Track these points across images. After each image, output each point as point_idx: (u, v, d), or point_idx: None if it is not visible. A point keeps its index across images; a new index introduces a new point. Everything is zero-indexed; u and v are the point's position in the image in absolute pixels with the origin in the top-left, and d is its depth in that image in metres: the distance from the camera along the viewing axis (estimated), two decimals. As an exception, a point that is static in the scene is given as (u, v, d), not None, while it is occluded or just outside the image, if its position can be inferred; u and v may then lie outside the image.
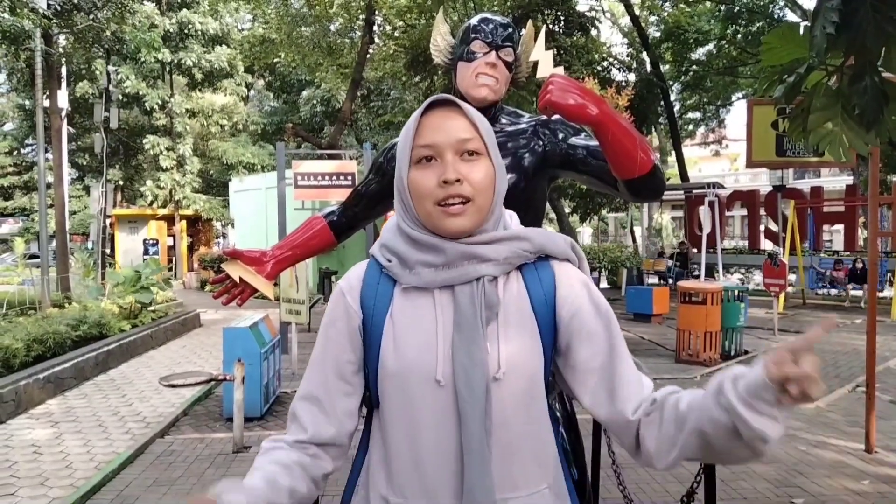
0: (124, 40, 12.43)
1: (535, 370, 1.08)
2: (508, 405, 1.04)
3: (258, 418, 5.55)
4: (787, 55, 2.15)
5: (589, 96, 1.53)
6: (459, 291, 1.06)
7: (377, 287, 1.12)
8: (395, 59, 15.77)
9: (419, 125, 1.08)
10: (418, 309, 1.08)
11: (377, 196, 2.09)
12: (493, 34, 1.84)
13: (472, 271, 1.06)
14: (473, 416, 1.00)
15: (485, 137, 1.09)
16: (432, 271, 1.07)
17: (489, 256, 1.07)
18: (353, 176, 9.15)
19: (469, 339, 1.03)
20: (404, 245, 1.11)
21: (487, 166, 1.09)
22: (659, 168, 1.66)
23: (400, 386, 1.06)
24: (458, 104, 1.09)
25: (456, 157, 1.07)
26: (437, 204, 1.06)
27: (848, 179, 20.61)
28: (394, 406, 1.07)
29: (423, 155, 1.08)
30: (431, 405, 1.04)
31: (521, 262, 1.10)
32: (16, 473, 4.41)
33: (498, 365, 1.03)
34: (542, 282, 1.11)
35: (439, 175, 1.06)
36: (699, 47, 18.71)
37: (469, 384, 1.01)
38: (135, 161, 26.19)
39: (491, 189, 1.09)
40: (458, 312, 1.05)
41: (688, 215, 17.45)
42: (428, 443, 1.04)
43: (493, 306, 1.05)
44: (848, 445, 4.79)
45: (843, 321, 11.53)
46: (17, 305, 9.56)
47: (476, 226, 1.08)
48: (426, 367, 1.04)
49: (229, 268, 1.98)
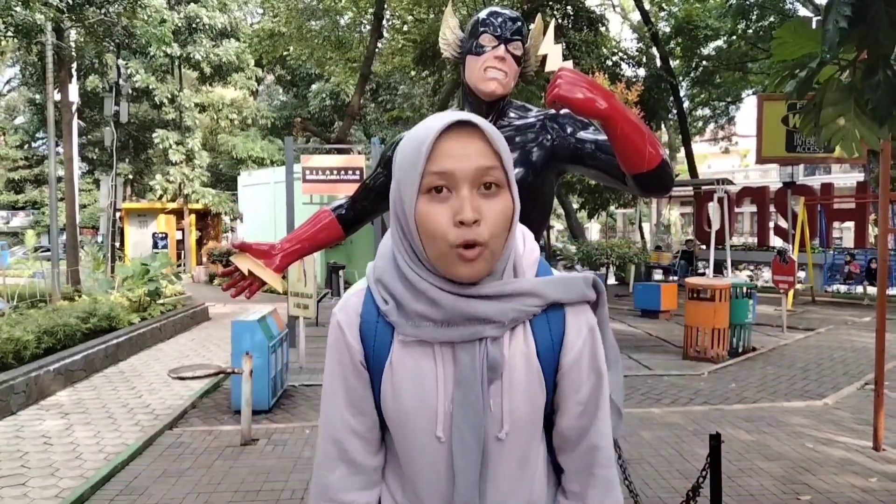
0: (135, 34, 12.46)
1: (540, 421, 1.06)
2: (509, 462, 1.03)
3: (266, 411, 5.58)
4: (798, 50, 2.13)
5: (598, 90, 1.52)
6: (461, 350, 0.99)
7: (376, 326, 1.04)
8: (403, 53, 15.77)
9: (434, 148, 0.94)
10: (418, 362, 1.01)
11: (385, 190, 2.08)
12: (502, 28, 1.83)
13: (473, 332, 0.98)
14: (467, 477, 0.99)
15: (506, 166, 0.97)
16: (431, 326, 0.99)
17: (492, 318, 0.98)
18: (361, 171, 9.17)
19: (468, 401, 0.98)
20: (401, 288, 1.01)
21: (507, 203, 0.97)
22: (668, 163, 1.65)
23: (398, 433, 1.05)
24: (479, 126, 0.96)
25: (473, 192, 0.94)
26: (452, 247, 0.94)
27: (859, 176, 20.44)
28: (397, 443, 1.07)
29: (434, 184, 0.94)
30: (430, 457, 1.03)
31: (529, 318, 1.02)
32: (26, 464, 4.45)
33: (501, 424, 1.00)
34: (550, 326, 1.04)
35: (454, 212, 0.93)
36: (709, 42, 18.60)
37: (465, 446, 0.99)
38: (144, 155, 26.30)
39: (507, 228, 0.98)
40: (459, 372, 0.99)
41: (697, 211, 17.38)
42: (426, 489, 1.05)
43: (497, 367, 0.99)
44: (856, 443, 4.76)
45: (853, 319, 11.47)
46: (28, 298, 9.64)
47: (490, 270, 0.98)
48: (425, 420, 1.01)
49: (238, 261, 1.99)
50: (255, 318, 5.61)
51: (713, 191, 11.96)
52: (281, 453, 4.62)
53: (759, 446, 4.70)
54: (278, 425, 5.31)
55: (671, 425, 5.18)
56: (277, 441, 4.89)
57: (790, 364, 7.65)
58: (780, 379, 6.88)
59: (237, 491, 3.97)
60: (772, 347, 8.64)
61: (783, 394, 6.29)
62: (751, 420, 5.34)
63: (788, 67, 2.19)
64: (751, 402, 5.94)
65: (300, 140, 18.45)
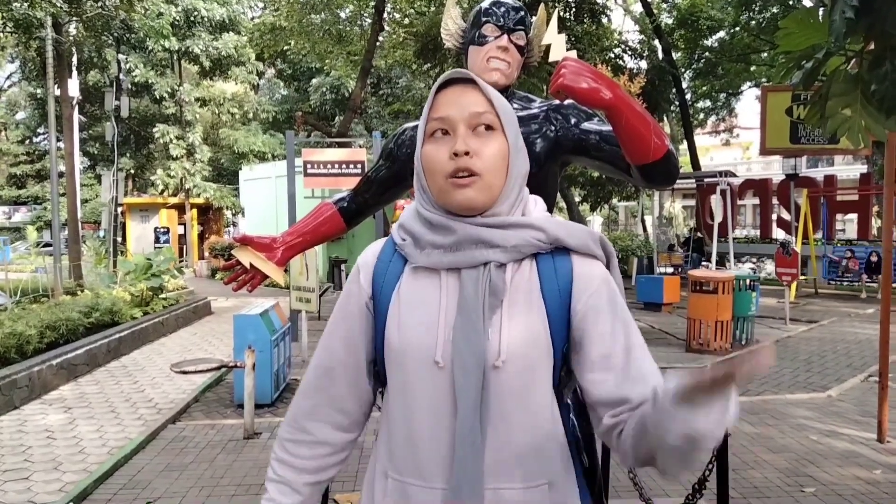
0: (133, 28, 12.44)
1: (539, 360, 1.04)
2: (508, 394, 1.02)
3: (269, 405, 5.58)
4: (804, 41, 2.11)
5: (602, 80, 1.50)
6: (465, 275, 1.05)
7: (389, 264, 1.13)
8: (404, 46, 15.71)
9: (434, 100, 1.08)
10: (424, 289, 1.07)
11: (387, 182, 2.07)
12: (504, 18, 1.81)
13: (478, 256, 1.04)
14: (467, 402, 0.99)
15: (500, 113, 1.07)
16: (440, 252, 1.06)
17: (496, 242, 1.05)
18: (363, 164, 9.15)
19: (470, 323, 1.01)
20: (419, 226, 1.10)
21: (501, 143, 1.07)
22: (673, 153, 1.63)
23: (400, 364, 1.06)
24: (475, 80, 1.08)
25: (468, 131, 1.05)
26: (447, 177, 1.05)
27: (862, 168, 20.36)
28: (394, 384, 1.08)
29: (436, 128, 1.07)
30: (429, 386, 1.03)
31: (532, 251, 1.07)
32: (30, 458, 4.46)
33: (498, 352, 1.01)
34: (557, 273, 1.07)
35: (450, 148, 1.04)
36: (712, 34, 18.51)
37: (465, 369, 1.00)
38: (145, 150, 26.30)
39: (503, 167, 1.07)
40: (462, 296, 1.03)
41: (699, 204, 17.32)
42: (422, 424, 1.04)
43: (498, 293, 1.03)
44: (860, 435, 4.76)
45: (856, 311, 11.44)
46: (31, 293, 9.65)
47: (486, 202, 1.06)
48: (426, 347, 1.03)
49: (240, 254, 1.97)
50: (257, 312, 5.60)
51: (716, 183, 11.91)
52: (284, 447, 4.62)
53: (762, 439, 4.69)
54: (281, 419, 5.28)
55: (674, 418, 5.16)
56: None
57: (793, 356, 7.63)
58: (783, 371, 6.87)
59: (240, 485, 3.97)
60: (775, 339, 8.63)
61: (787, 386, 6.28)
62: (754, 412, 5.33)
63: (794, 58, 2.17)
64: (754, 395, 5.93)
65: (301, 134, 18.44)
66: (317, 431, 1.15)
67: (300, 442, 1.16)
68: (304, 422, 1.16)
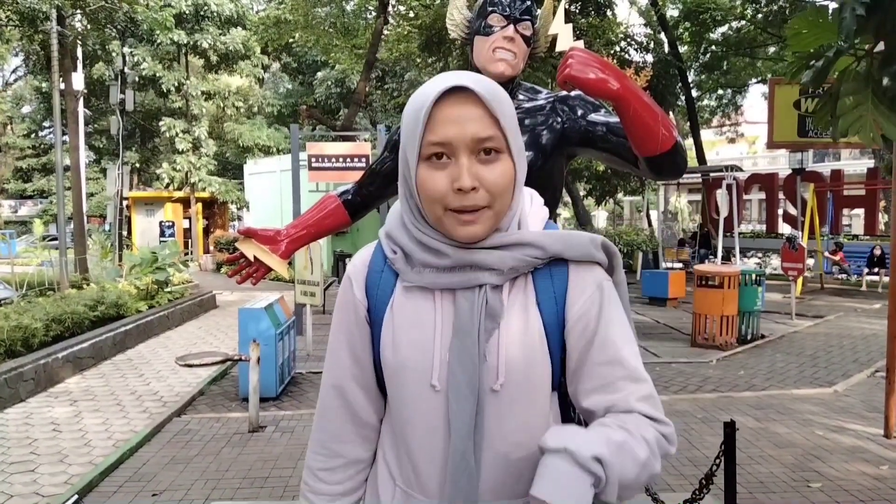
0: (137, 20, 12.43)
1: (540, 378, 1.02)
2: (507, 415, 1.00)
3: (273, 398, 5.59)
4: (814, 41, 2.08)
5: (610, 70, 1.48)
6: (461, 296, 1.00)
7: (381, 275, 1.08)
8: (409, 40, 15.64)
9: (430, 115, 0.94)
10: (418, 308, 1.03)
11: (392, 174, 2.05)
12: (510, 7, 1.79)
13: (473, 278, 0.99)
14: (461, 427, 0.97)
15: (506, 132, 0.96)
16: (434, 273, 1.01)
17: (492, 266, 0.99)
18: (367, 158, 9.15)
19: (465, 348, 0.98)
20: (409, 242, 1.03)
21: (507, 166, 0.97)
22: (681, 145, 1.61)
23: (397, 382, 1.04)
24: (475, 91, 0.94)
25: (472, 158, 0.95)
26: (448, 209, 0.96)
27: (869, 163, 20.25)
28: (393, 399, 1.07)
29: (433, 152, 0.95)
30: (425, 407, 1.02)
31: (529, 269, 1.02)
32: (36, 451, 4.48)
33: (497, 375, 0.99)
34: (553, 281, 1.03)
35: (453, 179, 0.94)
36: (718, 27, 18.39)
37: (459, 394, 0.98)
38: (151, 143, 26.32)
39: (510, 190, 0.98)
40: (458, 318, 0.99)
41: (705, 199, 17.26)
42: (420, 442, 1.03)
43: (496, 316, 0.99)
44: (866, 430, 4.73)
45: (862, 306, 11.39)
46: (37, 286, 9.69)
47: (490, 231, 0.99)
48: (422, 370, 1.01)
49: (244, 247, 1.96)
50: (262, 306, 5.61)
51: (722, 178, 11.86)
52: (288, 440, 4.63)
53: (768, 434, 4.68)
54: (286, 412, 5.32)
55: (680, 413, 5.15)
56: (285, 428, 4.90)
57: (799, 351, 7.60)
58: (789, 366, 6.84)
59: (245, 478, 3.98)
60: (781, 335, 8.60)
61: (792, 381, 6.26)
62: (760, 407, 5.32)
63: (804, 58, 2.14)
64: (760, 390, 5.91)
65: (306, 128, 18.43)
66: (348, 452, 1.13)
67: (335, 469, 1.14)
68: (333, 446, 1.13)
